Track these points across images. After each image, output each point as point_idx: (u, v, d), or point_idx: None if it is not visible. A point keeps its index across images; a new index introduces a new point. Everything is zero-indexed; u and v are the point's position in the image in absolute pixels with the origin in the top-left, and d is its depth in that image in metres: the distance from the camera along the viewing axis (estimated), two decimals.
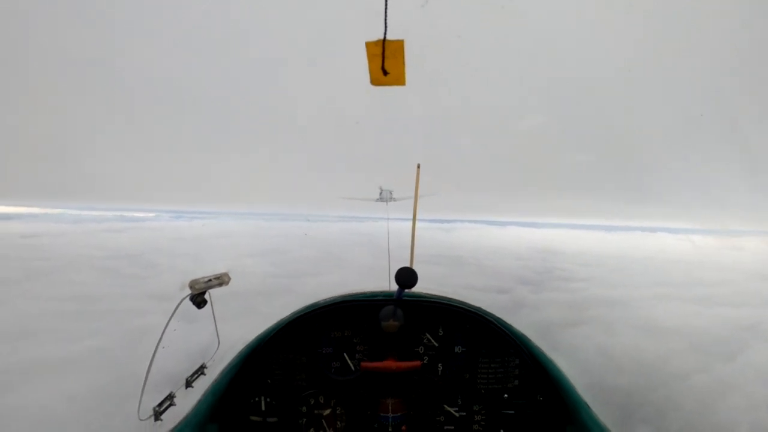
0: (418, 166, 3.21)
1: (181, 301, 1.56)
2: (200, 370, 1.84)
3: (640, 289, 17.78)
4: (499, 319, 2.03)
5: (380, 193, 23.99)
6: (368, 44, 1.65)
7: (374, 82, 1.74)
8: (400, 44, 1.64)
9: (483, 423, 1.92)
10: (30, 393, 6.72)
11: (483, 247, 37.68)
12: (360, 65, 1.75)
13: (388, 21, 1.59)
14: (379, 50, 1.64)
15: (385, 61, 1.67)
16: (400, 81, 1.74)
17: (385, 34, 1.60)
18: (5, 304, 11.40)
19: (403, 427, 1.86)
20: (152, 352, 1.47)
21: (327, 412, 1.92)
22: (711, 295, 16.26)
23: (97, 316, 10.86)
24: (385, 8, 1.54)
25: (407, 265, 1.87)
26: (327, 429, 1.91)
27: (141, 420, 1.45)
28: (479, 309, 2.05)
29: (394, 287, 1.93)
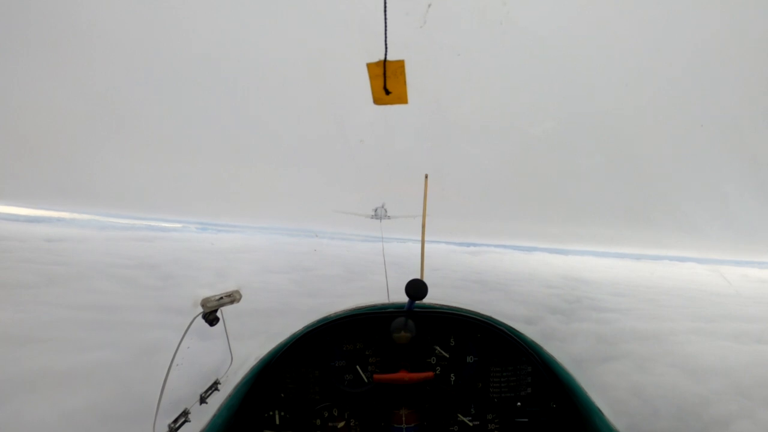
0: (426, 177, 3.20)
1: (194, 319, 1.58)
2: (214, 386, 1.83)
3: (672, 322, 17.01)
4: (510, 328, 2.03)
5: (375, 211, 24.27)
6: (369, 65, 1.70)
7: (377, 101, 1.78)
8: (400, 64, 1.69)
9: (497, 431, 1.92)
10: (30, 406, 6.51)
11: (509, 271, 36.97)
12: (363, 85, 1.78)
13: (387, 42, 1.63)
14: (380, 71, 1.70)
15: (387, 81, 1.72)
16: (402, 100, 1.78)
17: (385, 54, 1.65)
18: (19, 308, 11.44)
19: None
20: (166, 369, 1.47)
21: (341, 424, 1.94)
22: (747, 331, 15.39)
23: (109, 326, 10.80)
24: (385, 30, 1.58)
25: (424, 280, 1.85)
26: None
27: None
28: (490, 318, 2.06)
29: (393, 300, 2.04)
